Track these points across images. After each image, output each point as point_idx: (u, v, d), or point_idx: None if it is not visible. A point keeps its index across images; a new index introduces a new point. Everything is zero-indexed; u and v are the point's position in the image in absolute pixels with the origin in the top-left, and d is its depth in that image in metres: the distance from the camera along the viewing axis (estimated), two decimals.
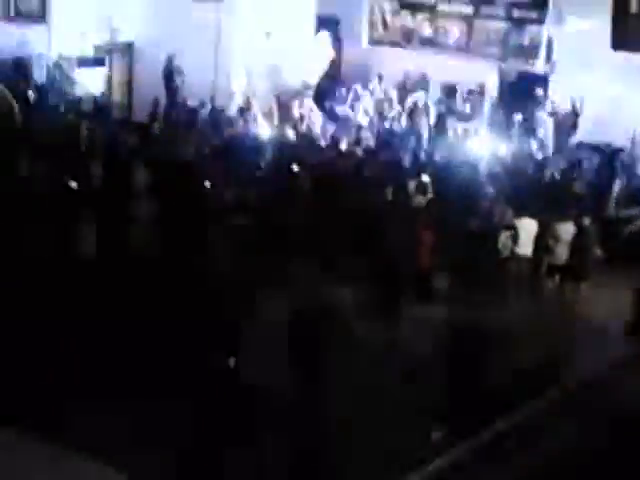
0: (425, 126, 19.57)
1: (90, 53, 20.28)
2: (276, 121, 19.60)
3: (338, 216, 13.91)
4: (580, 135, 19.82)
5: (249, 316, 10.85)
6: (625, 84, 18.72)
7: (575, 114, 19.65)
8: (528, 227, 14.19)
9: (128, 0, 21.24)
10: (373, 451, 9.40)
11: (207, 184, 14.37)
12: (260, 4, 20.82)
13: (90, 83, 19.93)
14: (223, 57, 20.36)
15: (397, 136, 18.82)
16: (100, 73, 20.81)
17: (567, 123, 19.59)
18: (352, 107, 20.48)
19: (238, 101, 20.63)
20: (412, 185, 15.39)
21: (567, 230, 14.22)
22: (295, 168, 15.98)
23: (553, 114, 19.53)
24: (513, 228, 13.99)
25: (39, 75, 18.84)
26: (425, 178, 15.59)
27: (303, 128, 19.29)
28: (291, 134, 18.66)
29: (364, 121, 19.77)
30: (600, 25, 16.92)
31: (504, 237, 13.88)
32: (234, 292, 10.99)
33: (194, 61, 20.84)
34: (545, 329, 12.80)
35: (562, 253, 14.30)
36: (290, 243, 13.50)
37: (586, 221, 14.14)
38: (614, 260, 14.54)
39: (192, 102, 20.35)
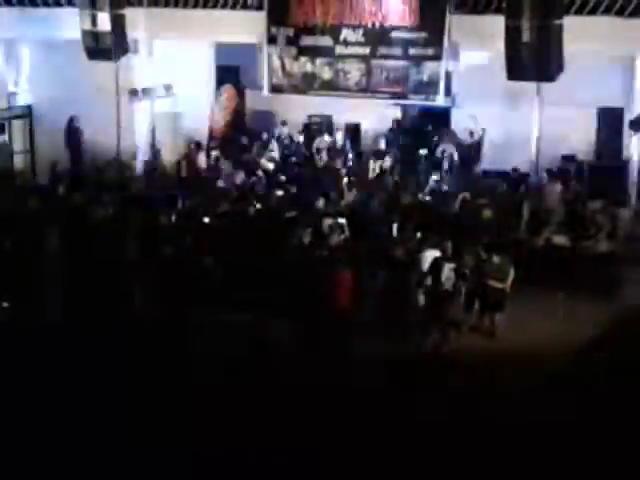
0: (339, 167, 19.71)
1: None
2: (184, 172, 19.45)
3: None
4: (485, 164, 20.25)
5: None
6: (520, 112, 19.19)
7: (478, 144, 20.04)
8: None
9: (24, 63, 21.03)
10: None
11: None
12: (159, 59, 20.81)
13: None
14: (125, 114, 20.16)
15: (312, 180, 18.81)
16: None
17: (472, 153, 19.95)
18: (259, 154, 20.51)
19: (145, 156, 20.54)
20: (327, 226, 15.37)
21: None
22: (206, 219, 15.95)
23: (458, 145, 19.85)
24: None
25: None
26: (341, 219, 15.59)
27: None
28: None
29: (271, 166, 19.80)
30: (496, 57, 17.20)
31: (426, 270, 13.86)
32: None
33: (96, 120, 20.64)
34: None
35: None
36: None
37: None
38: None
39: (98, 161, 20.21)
